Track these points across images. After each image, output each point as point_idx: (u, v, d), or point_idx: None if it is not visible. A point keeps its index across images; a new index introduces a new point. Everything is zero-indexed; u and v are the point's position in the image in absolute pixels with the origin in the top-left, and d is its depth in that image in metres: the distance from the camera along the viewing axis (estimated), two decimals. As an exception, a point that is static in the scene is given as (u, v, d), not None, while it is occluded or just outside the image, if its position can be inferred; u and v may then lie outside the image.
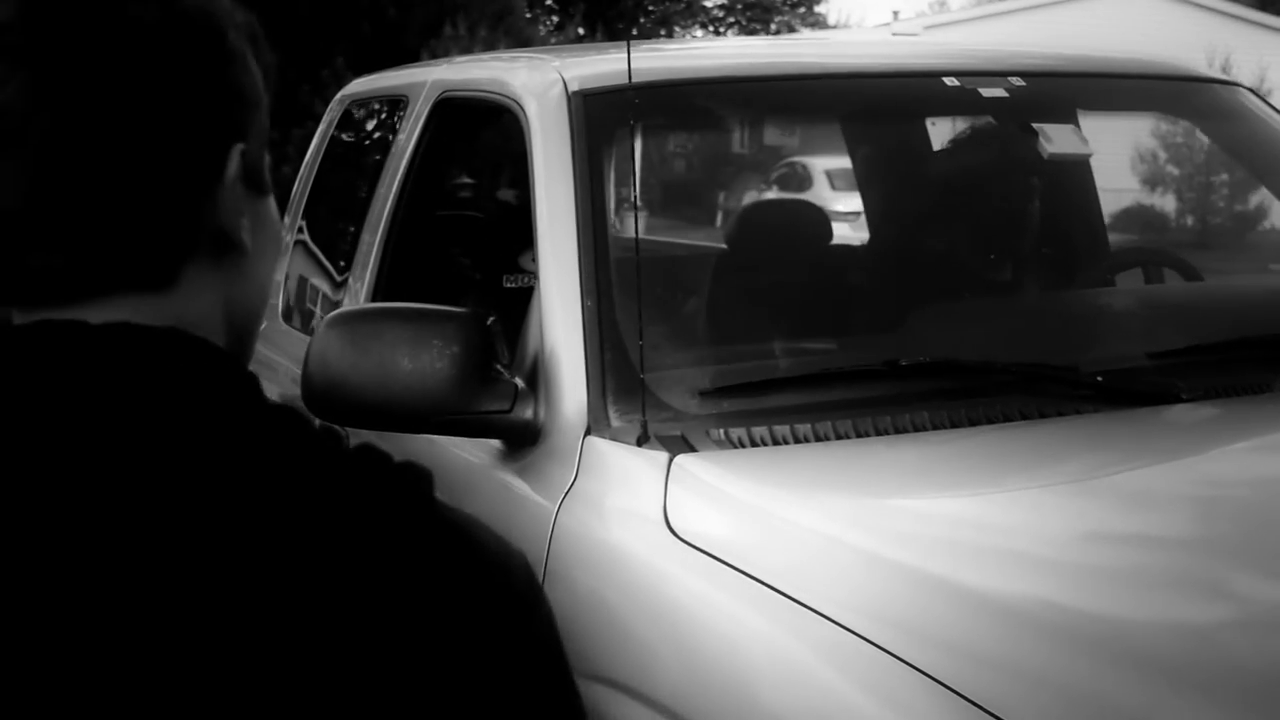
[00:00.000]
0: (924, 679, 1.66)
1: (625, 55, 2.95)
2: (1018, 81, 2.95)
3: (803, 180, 20.11)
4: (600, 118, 2.76)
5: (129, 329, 0.99)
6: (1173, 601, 1.87)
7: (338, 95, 4.36)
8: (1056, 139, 2.89)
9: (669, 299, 2.75)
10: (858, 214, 3.46)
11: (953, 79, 2.92)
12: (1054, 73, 3.20)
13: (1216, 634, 1.80)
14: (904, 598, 1.84)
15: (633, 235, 2.52)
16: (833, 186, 18.78)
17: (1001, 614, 1.79)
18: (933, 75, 2.97)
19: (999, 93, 2.92)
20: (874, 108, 3.17)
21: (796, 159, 19.50)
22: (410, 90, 3.59)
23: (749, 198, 4.59)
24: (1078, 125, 3.15)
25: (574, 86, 2.82)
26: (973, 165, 3.19)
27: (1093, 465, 2.39)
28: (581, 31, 25.18)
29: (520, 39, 19.61)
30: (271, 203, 1.14)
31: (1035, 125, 2.89)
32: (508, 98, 2.98)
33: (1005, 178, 3.20)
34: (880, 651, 1.73)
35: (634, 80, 2.53)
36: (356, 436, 3.07)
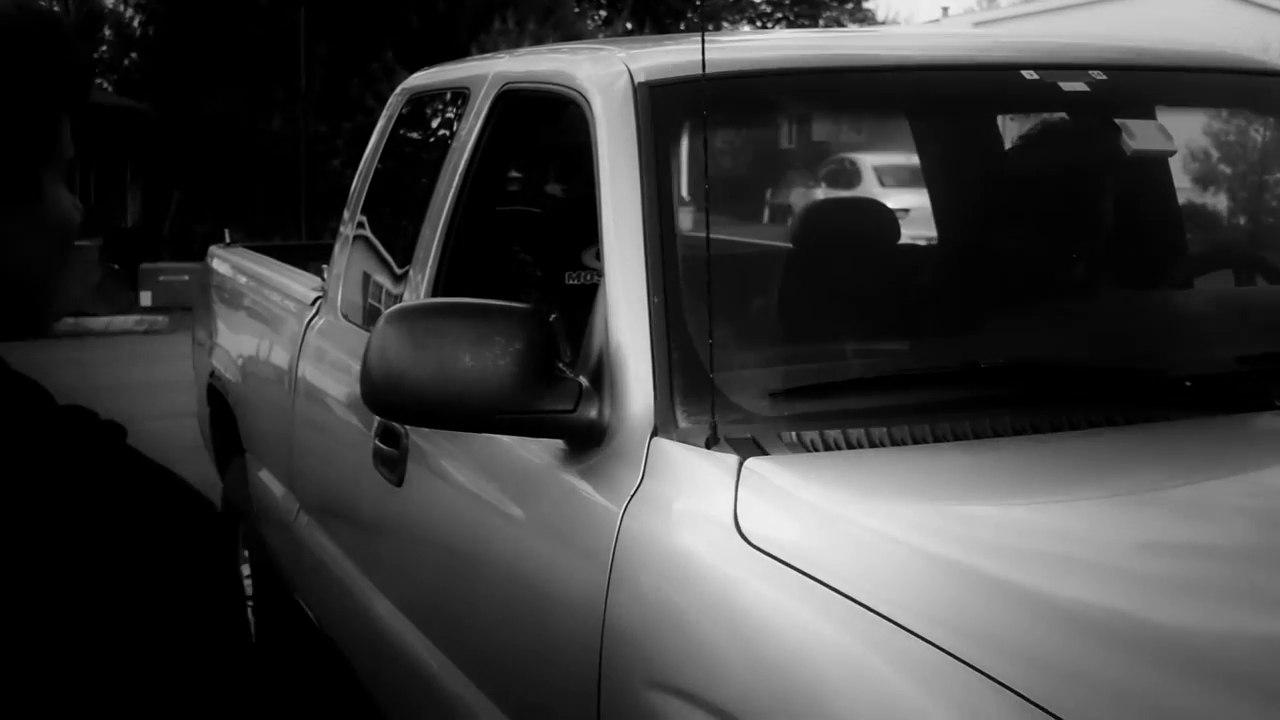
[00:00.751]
0: (999, 688, 1.62)
1: (688, 47, 2.88)
2: (1099, 75, 2.87)
3: (851, 176, 20.02)
4: (667, 110, 2.69)
5: None
6: (1246, 613, 1.82)
7: (398, 89, 4.30)
8: (1140, 135, 2.81)
9: (737, 297, 2.69)
10: (907, 211, 3.39)
11: (1031, 72, 2.84)
12: (1136, 66, 3.11)
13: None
14: (981, 607, 1.79)
15: (690, 230, 2.46)
16: (881, 183, 18.69)
17: (1077, 624, 1.74)
18: (1011, 68, 2.90)
19: (1080, 87, 2.83)
20: (952, 101, 3.10)
21: (846, 155, 19.39)
22: (472, 83, 3.53)
23: (814, 195, 4.52)
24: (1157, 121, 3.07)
25: (640, 78, 2.75)
26: (1050, 161, 3.10)
27: (1176, 473, 2.32)
28: (630, 26, 25.14)
29: (569, 33, 19.63)
30: (46, 202, 1.24)
31: (1118, 120, 2.81)
32: (572, 90, 2.91)
33: (1084, 175, 3.11)
34: (956, 661, 1.68)
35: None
36: (418, 434, 3.04)
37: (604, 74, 2.85)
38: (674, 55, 2.91)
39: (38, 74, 1.20)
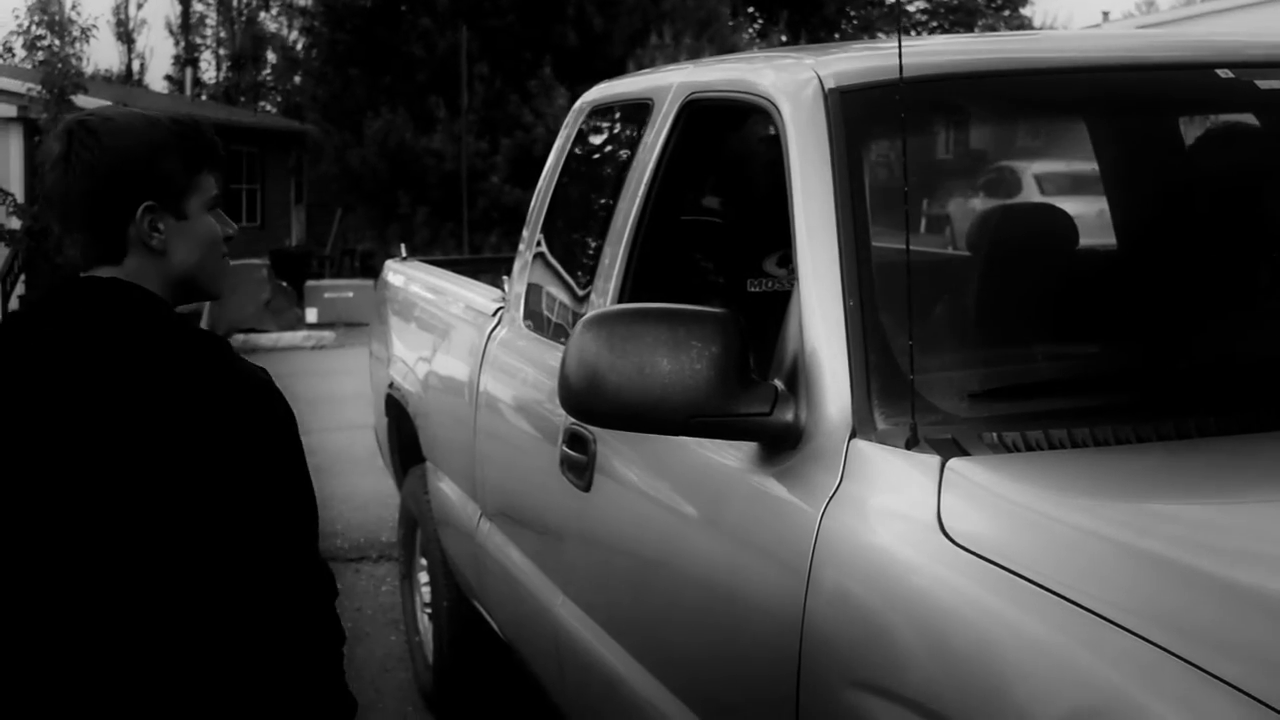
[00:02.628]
0: (1221, 685, 1.61)
1: (874, 52, 2.90)
2: (1295, 73, 2.83)
3: (1011, 185, 19.69)
4: (858, 115, 2.70)
5: (98, 279, 2.22)
6: None
7: (577, 103, 4.34)
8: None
9: (927, 301, 2.69)
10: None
11: (1226, 71, 2.80)
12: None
13: None
14: (1197, 604, 1.77)
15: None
16: (1041, 190, 18.38)
17: None
18: (1205, 67, 2.86)
19: (1277, 85, 2.79)
20: (1151, 101, 3.06)
21: (1005, 163, 19.08)
22: (655, 94, 3.57)
23: (973, 203, 4.49)
24: None
25: (830, 84, 2.77)
26: (1244, 160, 3.05)
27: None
28: (784, 38, 25.11)
29: (724, 45, 19.65)
30: (193, 222, 2.25)
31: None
32: (762, 97, 2.94)
33: (1277, 174, 3.06)
34: (1174, 658, 1.67)
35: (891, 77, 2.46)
36: (605, 440, 3.08)
37: (792, 80, 2.87)
38: (862, 60, 2.92)
39: (177, 153, 2.23)
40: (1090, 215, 3.40)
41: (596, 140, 4.26)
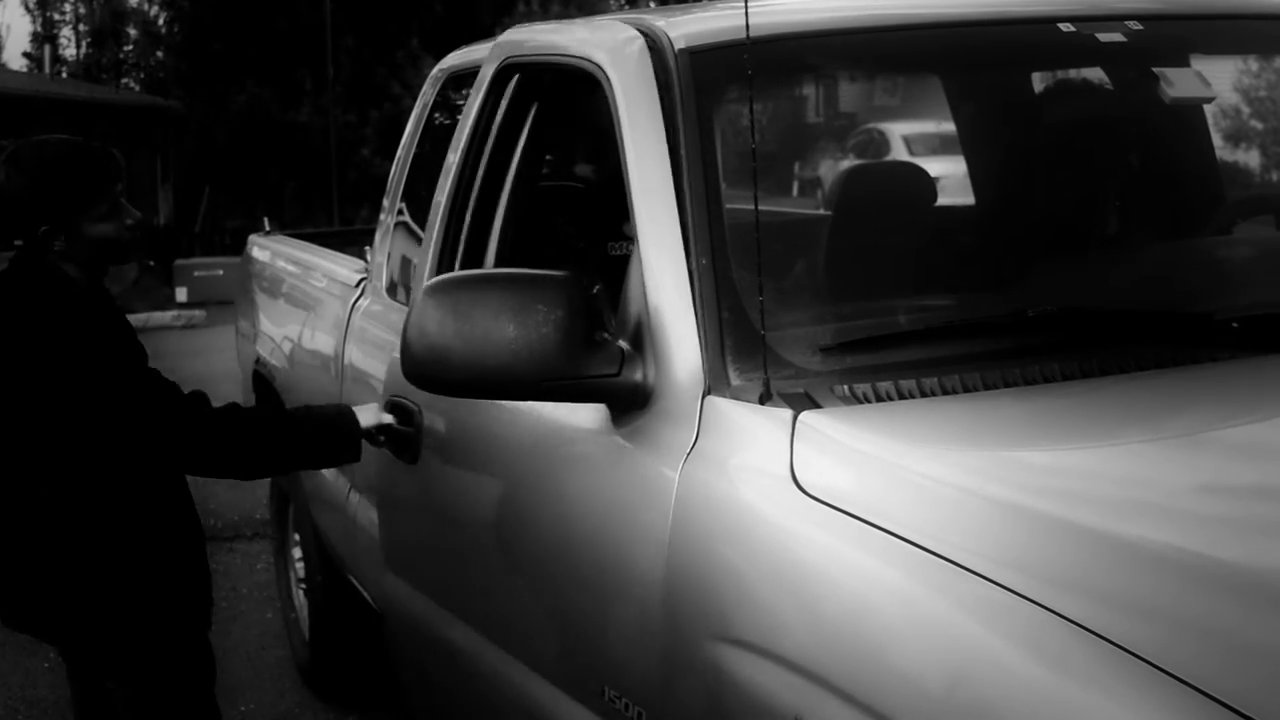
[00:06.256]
0: (1067, 624, 1.63)
1: (726, 12, 2.90)
2: (1135, 25, 2.87)
3: (880, 146, 19.84)
4: (708, 76, 2.70)
5: (21, 260, 3.17)
6: None
7: (433, 70, 4.29)
8: (1179, 82, 2.81)
9: (781, 259, 2.70)
10: (937, 179, 3.39)
11: (1068, 24, 2.84)
12: (1173, 14, 3.10)
13: None
14: (1044, 547, 1.79)
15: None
16: (910, 152, 18.56)
17: (1142, 560, 1.74)
18: (1048, 21, 2.89)
19: (1117, 38, 2.83)
20: (996, 55, 3.08)
21: (874, 125, 19.24)
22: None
23: (844, 166, 4.53)
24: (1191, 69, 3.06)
25: (679, 45, 2.76)
26: (1089, 112, 3.11)
27: (1229, 413, 2.32)
28: (653, 5, 25.07)
29: (592, 13, 19.56)
30: (86, 230, 3.10)
31: (1156, 70, 2.82)
32: (586, 59, 2.93)
33: (1123, 125, 3.11)
34: (1022, 599, 1.69)
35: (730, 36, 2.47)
36: (436, 409, 3.06)
37: (613, 39, 2.88)
38: (712, 21, 2.92)
39: (95, 170, 3.12)
40: (959, 175, 3.43)
41: (452, 108, 4.22)
